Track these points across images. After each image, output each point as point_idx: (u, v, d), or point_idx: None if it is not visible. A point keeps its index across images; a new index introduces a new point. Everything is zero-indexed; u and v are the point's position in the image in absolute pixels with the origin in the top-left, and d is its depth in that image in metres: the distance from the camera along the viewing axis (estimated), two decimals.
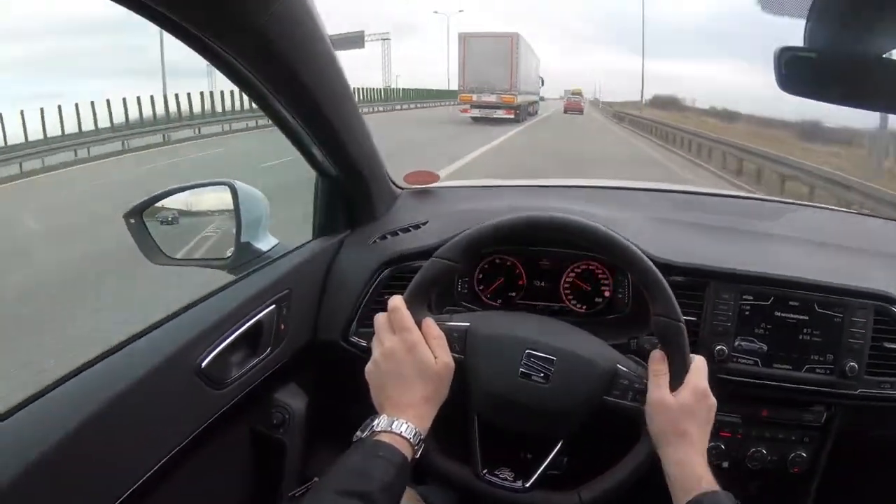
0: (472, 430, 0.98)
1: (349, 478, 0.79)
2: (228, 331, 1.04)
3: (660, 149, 18.11)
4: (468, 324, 0.99)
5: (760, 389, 1.13)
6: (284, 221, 1.63)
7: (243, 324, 1.08)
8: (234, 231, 1.29)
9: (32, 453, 0.72)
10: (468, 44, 26.45)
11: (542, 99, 42.41)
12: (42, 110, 13.51)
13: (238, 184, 1.28)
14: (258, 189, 1.34)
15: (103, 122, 15.49)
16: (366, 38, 46.71)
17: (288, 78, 0.96)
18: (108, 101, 15.47)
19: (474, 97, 25.86)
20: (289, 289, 1.19)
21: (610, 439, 0.97)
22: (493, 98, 25.62)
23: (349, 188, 1.34)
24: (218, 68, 0.89)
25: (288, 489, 1.22)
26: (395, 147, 8.47)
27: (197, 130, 19.07)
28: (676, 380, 0.90)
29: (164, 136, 16.89)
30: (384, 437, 0.83)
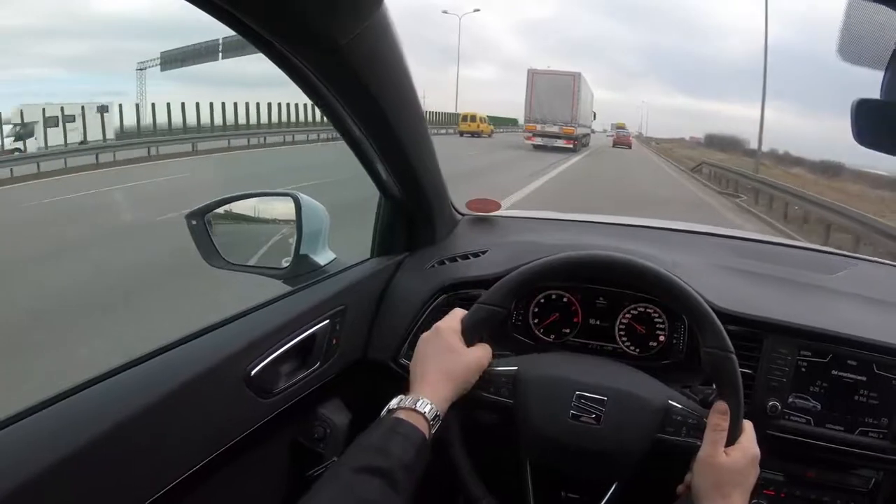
0: (525, 476, 0.98)
1: (368, 455, 0.79)
2: (281, 341, 1.05)
3: None
4: (515, 367, 1.00)
5: (809, 449, 1.09)
6: None
7: (296, 336, 1.08)
8: (290, 241, 1.31)
9: (74, 442, 0.73)
10: (535, 79, 29.38)
11: (592, 132, 42.71)
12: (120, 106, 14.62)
13: (302, 196, 1.30)
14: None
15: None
16: None
17: (364, 96, 0.98)
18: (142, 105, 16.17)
19: (538, 127, 28.80)
20: (344, 305, 1.20)
21: (664, 481, 0.95)
22: (555, 129, 28.54)
23: (412, 210, 1.35)
24: (294, 81, 0.92)
25: None
26: None
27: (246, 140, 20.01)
28: (731, 433, 0.89)
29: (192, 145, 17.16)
30: (401, 414, 0.85)
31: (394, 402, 0.88)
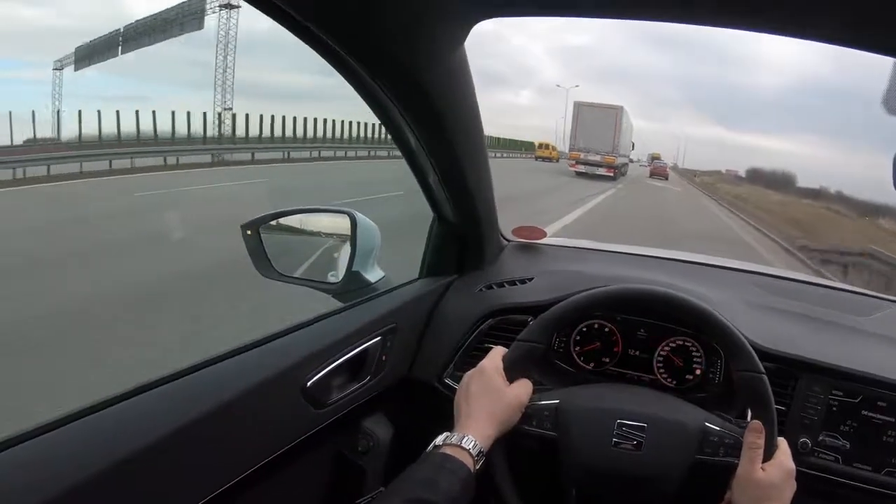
0: None
1: (417, 488, 0.82)
2: (336, 355, 1.09)
3: None
4: (557, 401, 1.03)
5: (835, 487, 1.10)
6: None
7: (350, 350, 1.12)
8: (335, 256, 1.36)
9: (133, 443, 0.76)
10: (580, 111, 31.11)
11: (631, 161, 42.84)
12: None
13: (358, 214, 1.33)
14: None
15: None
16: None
17: (435, 123, 1.02)
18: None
19: (581, 155, 30.16)
20: (394, 323, 1.23)
21: (705, 501, 0.97)
22: (597, 158, 29.81)
23: (464, 234, 1.39)
24: (364, 98, 0.96)
25: None
26: None
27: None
28: (767, 449, 0.93)
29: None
30: (448, 450, 0.89)
31: (440, 439, 0.92)
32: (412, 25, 0.79)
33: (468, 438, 0.90)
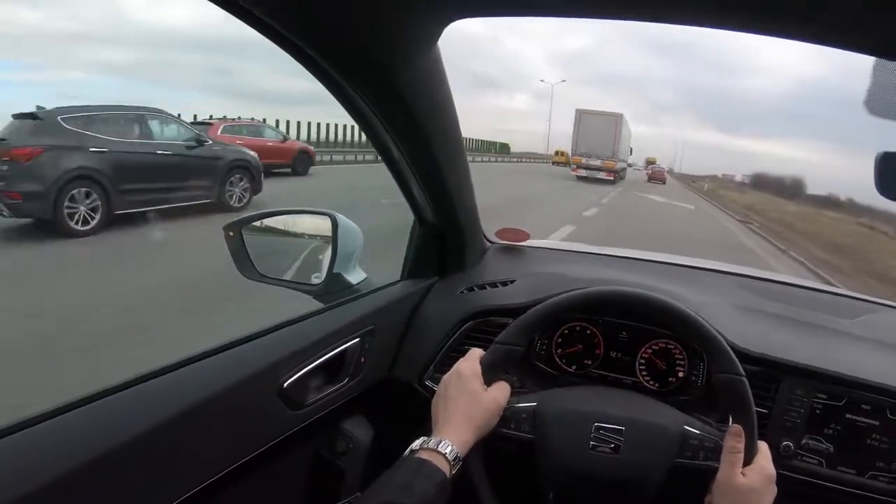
0: None
1: (392, 492, 0.82)
2: (314, 356, 1.08)
3: None
4: (535, 403, 1.03)
5: (819, 491, 1.09)
6: None
7: (328, 352, 1.11)
8: (319, 258, 1.35)
9: (105, 443, 0.75)
10: (582, 118, 32.95)
11: (629, 165, 43.51)
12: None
13: (339, 216, 1.33)
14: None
15: None
16: None
17: (410, 124, 1.01)
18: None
19: (583, 160, 31.77)
20: (374, 325, 1.23)
21: None
22: (598, 162, 31.26)
23: (445, 236, 1.38)
24: (340, 102, 0.95)
25: None
26: None
27: None
28: (747, 453, 0.92)
29: None
30: (424, 455, 0.88)
31: (417, 444, 0.91)
32: (383, 24, 0.78)
33: (445, 443, 0.90)
